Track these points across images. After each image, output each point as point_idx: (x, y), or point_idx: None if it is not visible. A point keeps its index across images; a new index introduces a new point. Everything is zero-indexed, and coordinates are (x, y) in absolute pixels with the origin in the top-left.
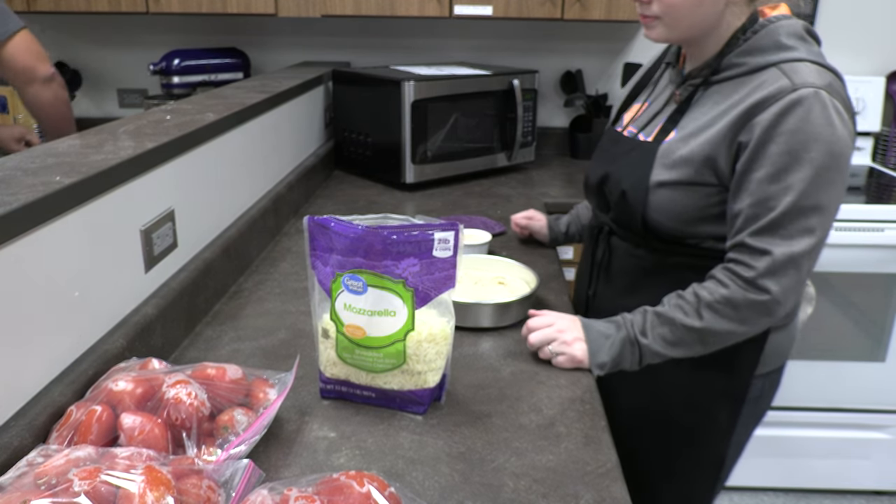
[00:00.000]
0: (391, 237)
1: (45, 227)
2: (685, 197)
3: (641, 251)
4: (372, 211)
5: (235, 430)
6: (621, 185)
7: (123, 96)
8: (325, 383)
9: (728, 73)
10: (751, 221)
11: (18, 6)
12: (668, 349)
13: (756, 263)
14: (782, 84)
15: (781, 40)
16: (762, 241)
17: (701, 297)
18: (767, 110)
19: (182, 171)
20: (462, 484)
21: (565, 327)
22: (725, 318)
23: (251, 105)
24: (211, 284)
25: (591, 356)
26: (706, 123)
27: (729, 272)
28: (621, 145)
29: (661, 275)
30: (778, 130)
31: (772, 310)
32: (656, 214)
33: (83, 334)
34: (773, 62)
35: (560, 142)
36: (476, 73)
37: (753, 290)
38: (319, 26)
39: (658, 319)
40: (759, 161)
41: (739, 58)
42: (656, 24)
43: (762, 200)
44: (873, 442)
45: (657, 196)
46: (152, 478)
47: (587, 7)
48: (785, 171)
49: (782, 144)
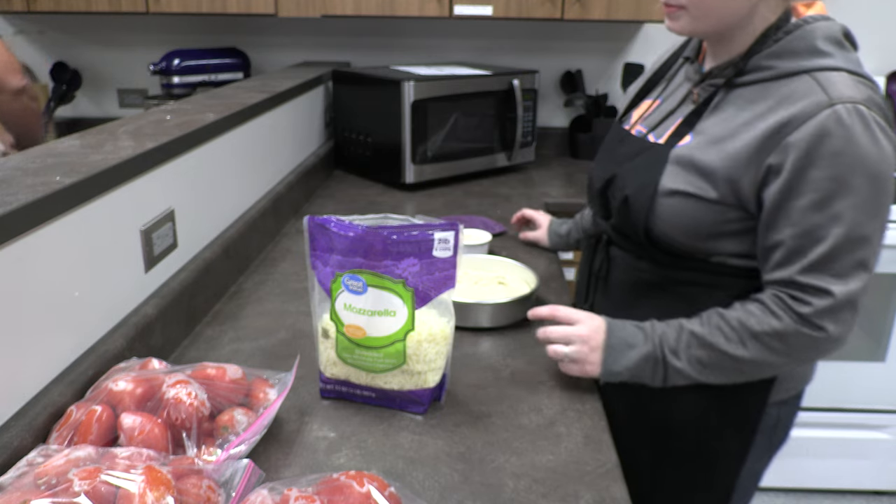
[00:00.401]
0: (391, 237)
1: (45, 227)
2: (699, 210)
3: (644, 263)
4: (372, 211)
5: (235, 430)
6: (625, 189)
7: (123, 96)
8: (325, 383)
9: (754, 75)
10: (797, 255)
11: (18, 6)
12: (700, 373)
13: (814, 301)
14: (818, 98)
15: (818, 45)
16: (816, 278)
17: (748, 325)
18: (802, 129)
19: (182, 171)
20: (462, 484)
21: (588, 334)
22: (773, 352)
23: (251, 105)
24: (211, 284)
25: (606, 363)
26: (728, 133)
27: (782, 303)
28: (628, 145)
29: (664, 290)
30: (819, 153)
31: (824, 348)
32: (663, 225)
33: (83, 334)
34: (806, 69)
35: (560, 142)
36: (476, 73)
37: (809, 326)
38: (319, 26)
39: (696, 341)
40: (800, 187)
41: (769, 60)
42: (681, 14)
43: (808, 231)
44: (873, 442)
45: (666, 205)
46: (152, 478)
47: (587, 7)
48: (831, 198)
49: (826, 169)
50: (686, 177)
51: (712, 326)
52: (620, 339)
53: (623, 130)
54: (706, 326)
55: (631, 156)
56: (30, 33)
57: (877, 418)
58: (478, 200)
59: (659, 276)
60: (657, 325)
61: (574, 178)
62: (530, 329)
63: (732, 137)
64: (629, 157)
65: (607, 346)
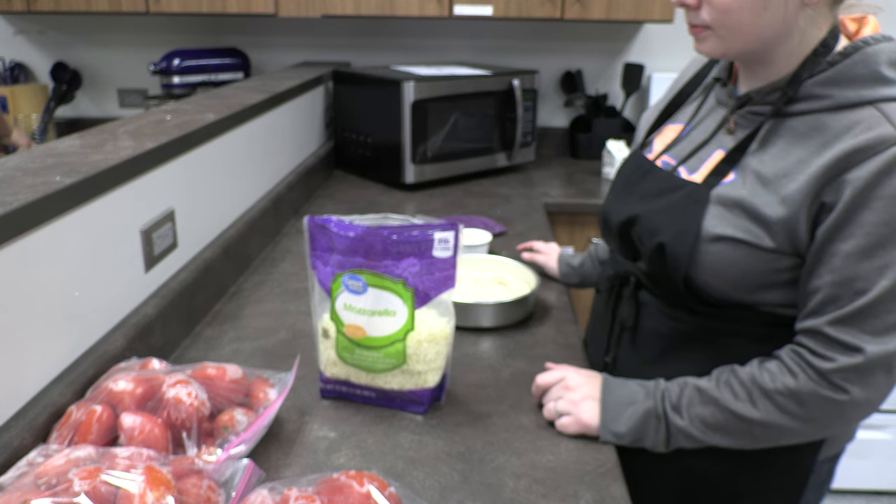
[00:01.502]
0: (391, 237)
1: (45, 227)
2: (748, 259)
3: (680, 311)
4: (372, 211)
5: (235, 430)
6: (659, 235)
7: (123, 96)
8: (325, 383)
9: (808, 104)
10: (831, 305)
11: (18, 6)
12: (706, 434)
13: (839, 357)
14: (884, 132)
15: (881, 71)
16: (848, 333)
17: (759, 382)
18: (863, 166)
19: (182, 171)
20: (462, 484)
21: (576, 384)
22: (788, 415)
23: (251, 105)
24: (211, 284)
25: (604, 422)
26: (780, 172)
27: (801, 359)
28: (654, 180)
29: (704, 342)
30: (876, 193)
31: (848, 413)
32: (706, 276)
33: (83, 334)
34: (870, 99)
35: (560, 142)
36: (476, 73)
37: (827, 386)
38: (319, 26)
39: (699, 396)
40: (849, 229)
41: (825, 88)
42: (708, 35)
43: (848, 280)
44: (873, 442)
45: (710, 253)
46: (152, 478)
47: (587, 7)
48: (882, 246)
49: (881, 212)
50: (734, 221)
51: (720, 382)
52: (620, 395)
53: (646, 161)
54: (713, 382)
55: (658, 193)
56: (30, 33)
57: (877, 418)
58: (478, 200)
59: (698, 327)
60: (662, 382)
61: (574, 179)
62: (530, 329)
63: (787, 177)
64: (657, 195)
65: (604, 404)
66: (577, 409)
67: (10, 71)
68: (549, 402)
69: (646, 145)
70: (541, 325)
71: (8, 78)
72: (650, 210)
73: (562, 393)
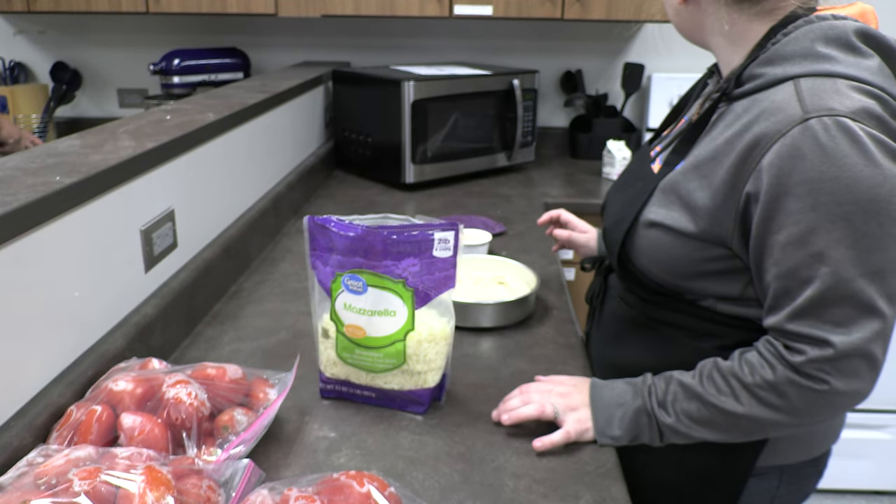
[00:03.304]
0: (391, 237)
1: (45, 227)
2: (679, 246)
3: (633, 298)
4: (372, 211)
5: (235, 430)
6: (606, 220)
7: (123, 96)
8: (325, 383)
9: (747, 86)
10: (784, 300)
11: (18, 6)
12: (693, 430)
13: (808, 350)
14: (790, 112)
15: (814, 47)
16: (809, 326)
17: (739, 376)
18: (772, 150)
19: (182, 171)
20: (462, 484)
21: (567, 391)
22: (771, 407)
23: (251, 105)
24: (211, 284)
25: (599, 427)
26: (710, 155)
27: (774, 349)
28: (637, 171)
29: (649, 330)
30: (793, 179)
31: (834, 403)
32: (643, 259)
33: (83, 334)
34: (794, 75)
35: (560, 142)
36: (476, 73)
37: (805, 377)
38: (319, 26)
39: (684, 392)
40: (778, 219)
41: (761, 66)
42: None
43: (792, 271)
44: (873, 442)
45: (645, 237)
46: (152, 478)
47: (587, 7)
48: (813, 232)
49: (804, 197)
50: (667, 207)
51: (704, 377)
52: (608, 400)
53: (646, 153)
54: (697, 377)
55: (628, 183)
56: (30, 33)
57: (877, 418)
58: (478, 200)
59: (644, 315)
60: (648, 377)
61: (574, 178)
62: (530, 329)
63: (714, 160)
64: (627, 185)
65: (596, 411)
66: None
67: (10, 71)
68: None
69: (657, 138)
70: (541, 325)
71: (8, 78)
72: (613, 199)
73: (556, 399)
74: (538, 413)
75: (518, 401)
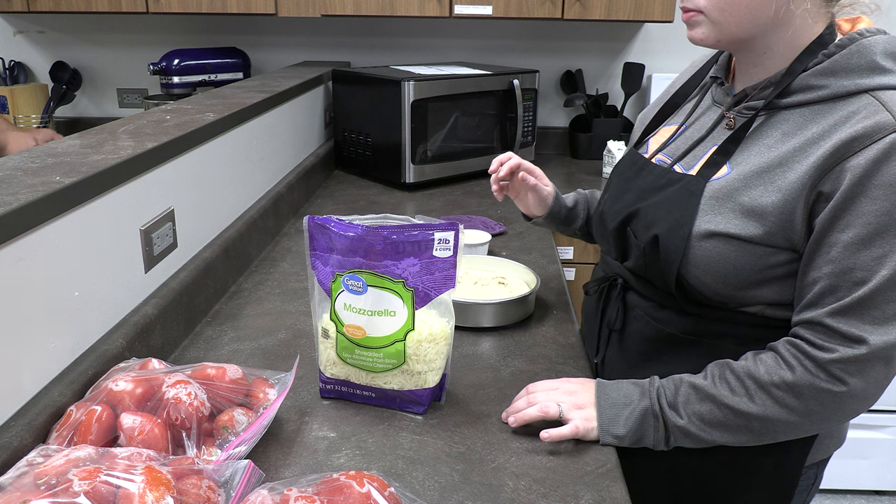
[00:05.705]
0: (391, 237)
1: (45, 227)
2: (742, 255)
3: (667, 313)
4: (372, 211)
5: (235, 430)
6: (654, 227)
7: (123, 96)
8: (325, 383)
9: (803, 95)
10: (830, 296)
11: (18, 6)
12: (704, 431)
13: (840, 348)
14: (882, 120)
15: (877, 60)
16: (849, 323)
17: (755, 375)
18: (861, 153)
19: (182, 171)
20: (462, 484)
21: (574, 388)
22: (786, 408)
23: (251, 105)
24: (211, 284)
25: (603, 426)
26: (774, 162)
27: (797, 351)
28: (651, 176)
29: (690, 345)
30: (875, 181)
31: (847, 406)
32: (698, 271)
33: (83, 334)
34: (866, 88)
35: (560, 142)
36: (476, 73)
37: (826, 377)
38: (319, 26)
39: (696, 393)
40: (847, 219)
41: (820, 78)
42: (700, 20)
43: (847, 270)
44: (873, 442)
45: (703, 248)
46: (152, 478)
47: (587, 7)
48: (880, 235)
49: (880, 201)
50: (726, 215)
51: (716, 378)
52: (614, 400)
53: (641, 158)
54: (709, 378)
55: (656, 188)
56: (30, 33)
57: (877, 418)
58: (478, 200)
59: (685, 330)
60: (656, 380)
61: (574, 179)
62: (530, 329)
63: (783, 167)
64: (654, 190)
65: (601, 409)
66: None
67: (10, 71)
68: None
69: (641, 144)
70: (541, 325)
71: (8, 78)
72: (648, 204)
73: (563, 397)
74: (543, 413)
75: (524, 402)
